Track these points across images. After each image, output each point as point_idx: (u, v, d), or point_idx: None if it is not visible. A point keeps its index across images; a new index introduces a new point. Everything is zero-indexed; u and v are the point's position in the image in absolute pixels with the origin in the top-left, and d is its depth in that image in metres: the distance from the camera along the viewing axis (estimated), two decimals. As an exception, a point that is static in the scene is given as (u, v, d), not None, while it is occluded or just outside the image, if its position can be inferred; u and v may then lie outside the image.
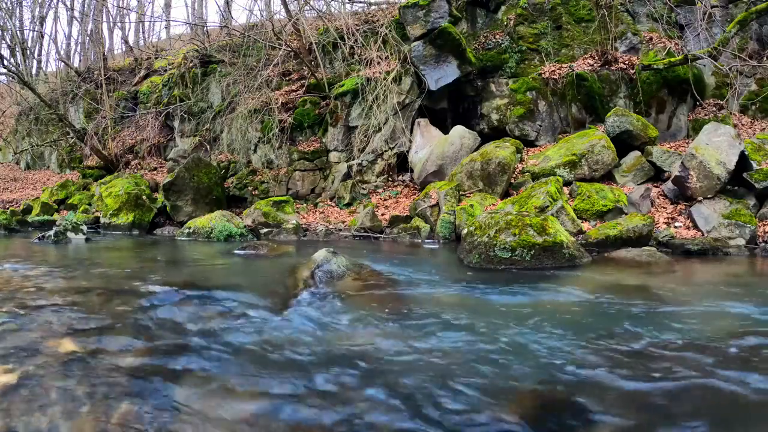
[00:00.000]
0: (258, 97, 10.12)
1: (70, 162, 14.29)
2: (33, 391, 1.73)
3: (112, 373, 1.92)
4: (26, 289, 3.20)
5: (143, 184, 9.62)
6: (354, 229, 7.36)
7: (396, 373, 2.00)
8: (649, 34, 9.06)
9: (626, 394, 1.83)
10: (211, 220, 7.24)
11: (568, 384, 1.91)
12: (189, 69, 12.42)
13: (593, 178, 7.13)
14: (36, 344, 2.17)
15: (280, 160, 9.83)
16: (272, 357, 2.16)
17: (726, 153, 6.23)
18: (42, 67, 19.55)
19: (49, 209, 10.47)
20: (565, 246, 4.43)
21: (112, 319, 2.58)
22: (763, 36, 8.76)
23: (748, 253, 5.32)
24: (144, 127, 12.73)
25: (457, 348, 2.29)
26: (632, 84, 8.39)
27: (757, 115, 8.44)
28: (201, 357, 2.14)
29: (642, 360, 2.14)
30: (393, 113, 8.78)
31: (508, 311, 2.91)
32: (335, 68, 10.57)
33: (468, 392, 1.81)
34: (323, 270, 3.62)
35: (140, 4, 19.68)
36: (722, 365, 2.06)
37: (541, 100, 8.70)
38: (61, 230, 6.58)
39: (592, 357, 2.18)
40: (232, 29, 13.02)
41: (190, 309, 2.82)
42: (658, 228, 5.93)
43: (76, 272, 3.96)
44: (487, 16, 9.89)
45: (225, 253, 5.56)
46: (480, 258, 4.40)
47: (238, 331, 2.49)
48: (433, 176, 8.15)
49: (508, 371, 2.03)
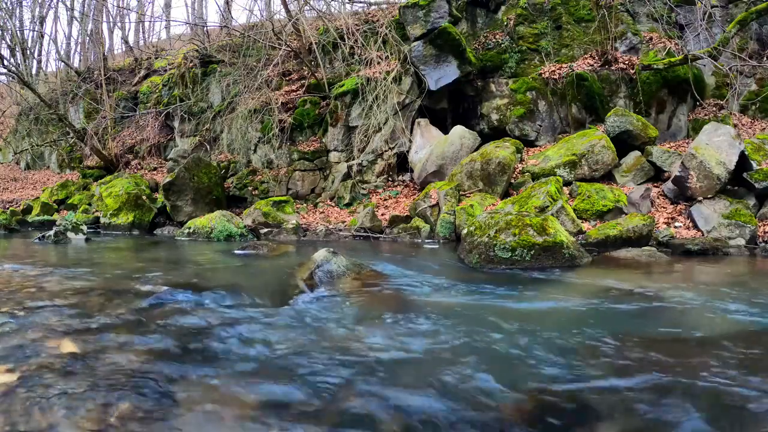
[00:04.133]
0: (258, 97, 10.12)
1: (70, 162, 14.29)
2: (33, 391, 1.73)
3: (112, 373, 1.92)
4: (26, 289, 3.20)
5: (143, 184, 9.62)
6: (354, 229, 7.36)
7: (396, 372, 2.00)
8: (649, 34, 9.06)
9: (626, 394, 1.83)
10: (211, 220, 7.24)
11: (567, 384, 1.91)
12: (189, 69, 12.42)
13: (593, 178, 7.13)
14: (36, 344, 2.17)
15: (280, 160, 9.83)
16: (272, 357, 2.16)
17: (726, 153, 6.23)
18: (42, 67, 19.55)
19: (49, 209, 10.46)
20: (565, 246, 4.43)
21: (112, 319, 2.58)
22: (763, 36, 8.76)
23: (748, 253, 5.33)
24: (144, 127, 12.74)
25: (457, 348, 2.29)
26: (632, 84, 8.39)
27: (757, 115, 8.44)
28: (201, 357, 2.14)
29: (642, 360, 2.14)
30: (393, 113, 8.78)
31: (507, 311, 2.91)
32: (335, 68, 10.56)
33: (467, 392, 1.81)
34: (323, 270, 3.62)
35: (140, 4, 19.69)
36: (722, 365, 2.07)
37: (541, 100, 8.70)
38: (61, 230, 6.59)
39: (591, 357, 2.18)
40: (232, 29, 13.02)
41: (190, 309, 2.82)
42: (658, 228, 5.94)
43: (76, 272, 3.96)
44: (487, 16, 9.89)
45: (225, 253, 5.56)
46: (480, 258, 4.40)
47: (238, 331, 2.49)
48: (433, 176, 8.15)
49: (508, 371, 2.03)
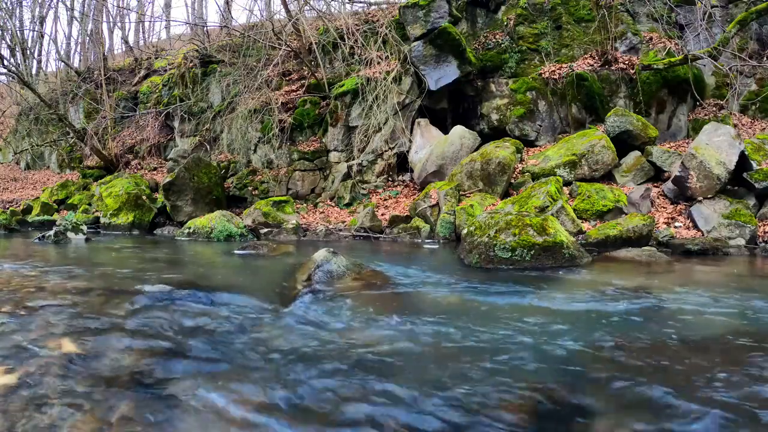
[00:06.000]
0: (258, 97, 10.12)
1: (70, 162, 14.29)
2: (33, 391, 1.73)
3: (112, 372, 1.93)
4: (26, 289, 3.20)
5: (143, 184, 9.62)
6: (354, 229, 7.36)
7: (396, 372, 2.00)
8: (649, 34, 9.06)
9: (625, 395, 1.83)
10: (211, 220, 7.24)
11: (566, 384, 1.91)
12: (189, 69, 12.42)
13: (593, 178, 7.13)
14: (36, 344, 2.17)
15: (280, 160, 9.83)
16: (272, 357, 2.16)
17: (726, 153, 6.23)
18: (42, 67, 19.55)
19: (49, 209, 10.46)
20: (565, 246, 4.43)
21: (112, 318, 2.58)
22: (763, 36, 8.76)
23: (748, 253, 5.33)
24: (144, 127, 12.74)
25: (457, 347, 2.29)
26: (632, 84, 8.39)
27: (757, 115, 8.45)
28: (201, 357, 2.14)
29: (642, 360, 2.14)
30: (393, 113, 8.78)
31: (507, 311, 2.91)
32: (335, 68, 10.56)
33: (465, 391, 1.81)
34: (323, 270, 3.62)
35: (140, 4, 19.69)
36: (722, 365, 2.07)
37: (541, 100, 8.70)
38: (61, 230, 6.58)
39: (591, 357, 2.18)
40: (232, 29, 13.02)
41: (190, 309, 2.82)
42: (658, 228, 5.94)
43: (76, 272, 3.96)
44: (487, 16, 9.89)
45: (225, 253, 5.56)
46: (480, 258, 4.40)
47: (238, 331, 2.49)
48: (433, 176, 8.15)
49: (507, 371, 2.03)
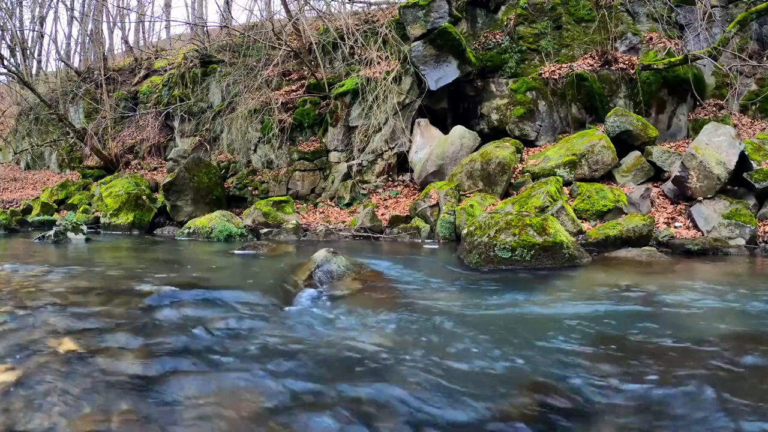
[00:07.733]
0: (258, 97, 10.12)
1: (70, 162, 14.29)
2: (33, 391, 1.73)
3: (112, 372, 1.92)
4: (26, 289, 3.20)
5: (143, 184, 9.62)
6: (354, 229, 7.36)
7: (396, 372, 2.00)
8: (649, 34, 9.06)
9: (625, 395, 1.83)
10: (211, 220, 7.24)
11: (565, 384, 1.91)
12: (189, 69, 12.41)
13: (593, 178, 7.13)
14: (36, 344, 2.17)
15: (280, 160, 9.83)
16: (272, 357, 2.16)
17: (726, 153, 6.23)
18: (42, 67, 19.54)
19: (49, 209, 10.46)
20: (565, 246, 4.43)
21: (112, 318, 2.58)
22: (763, 36, 8.76)
23: (748, 253, 5.32)
24: (144, 127, 12.73)
25: (457, 347, 2.29)
26: (632, 84, 8.39)
27: (757, 115, 8.44)
28: (201, 357, 2.14)
29: (641, 360, 2.14)
30: (393, 113, 8.78)
31: (507, 311, 2.91)
32: (335, 68, 10.56)
33: (464, 391, 1.81)
34: (323, 270, 3.62)
35: (140, 4, 19.67)
36: (722, 365, 2.07)
37: (541, 100, 8.70)
38: (61, 230, 6.58)
39: (590, 357, 2.18)
40: (232, 29, 13.01)
41: (190, 309, 2.82)
42: (658, 228, 5.94)
43: (76, 272, 3.95)
44: (487, 16, 9.89)
45: (225, 253, 5.56)
46: (480, 258, 4.40)
47: (238, 331, 2.49)
48: (433, 176, 8.15)
49: (507, 371, 2.03)
